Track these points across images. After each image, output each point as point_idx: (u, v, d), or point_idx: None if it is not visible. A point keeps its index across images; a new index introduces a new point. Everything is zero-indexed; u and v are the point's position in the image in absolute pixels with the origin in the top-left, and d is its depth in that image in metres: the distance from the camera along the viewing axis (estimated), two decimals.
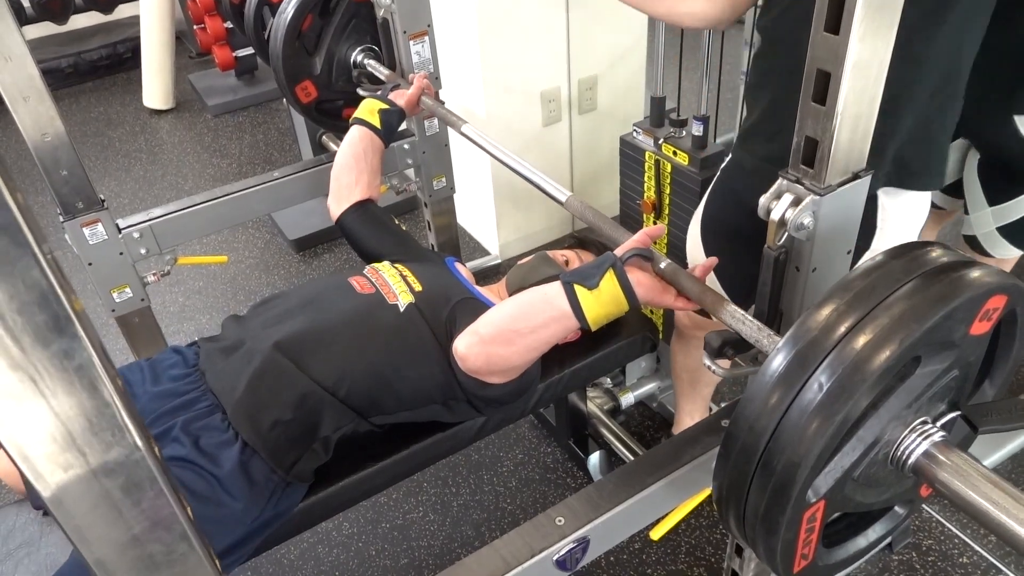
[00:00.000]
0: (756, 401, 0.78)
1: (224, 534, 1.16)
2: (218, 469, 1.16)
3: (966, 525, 1.81)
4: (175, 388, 1.27)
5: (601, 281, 1.09)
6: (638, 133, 1.90)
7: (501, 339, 1.19)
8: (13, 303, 0.43)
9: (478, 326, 1.21)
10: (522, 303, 1.19)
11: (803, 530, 0.79)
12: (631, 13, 2.59)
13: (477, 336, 1.20)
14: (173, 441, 1.18)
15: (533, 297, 1.17)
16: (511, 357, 1.21)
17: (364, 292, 1.37)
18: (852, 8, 0.77)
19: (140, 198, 3.45)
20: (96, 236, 1.62)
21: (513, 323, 1.18)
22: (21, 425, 0.48)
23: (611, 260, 1.11)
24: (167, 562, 0.59)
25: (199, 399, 1.25)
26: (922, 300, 0.76)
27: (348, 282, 1.40)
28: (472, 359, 1.21)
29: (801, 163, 0.90)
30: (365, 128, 1.66)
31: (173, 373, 1.31)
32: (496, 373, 1.25)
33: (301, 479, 1.23)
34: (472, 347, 1.20)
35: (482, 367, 1.22)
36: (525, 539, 0.98)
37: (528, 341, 1.18)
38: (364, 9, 1.93)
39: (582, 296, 1.10)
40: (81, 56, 4.58)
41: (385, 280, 1.40)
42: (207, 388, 1.27)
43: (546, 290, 1.16)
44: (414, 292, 1.36)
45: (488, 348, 1.20)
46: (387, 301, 1.35)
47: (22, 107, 1.43)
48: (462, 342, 1.21)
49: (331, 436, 1.24)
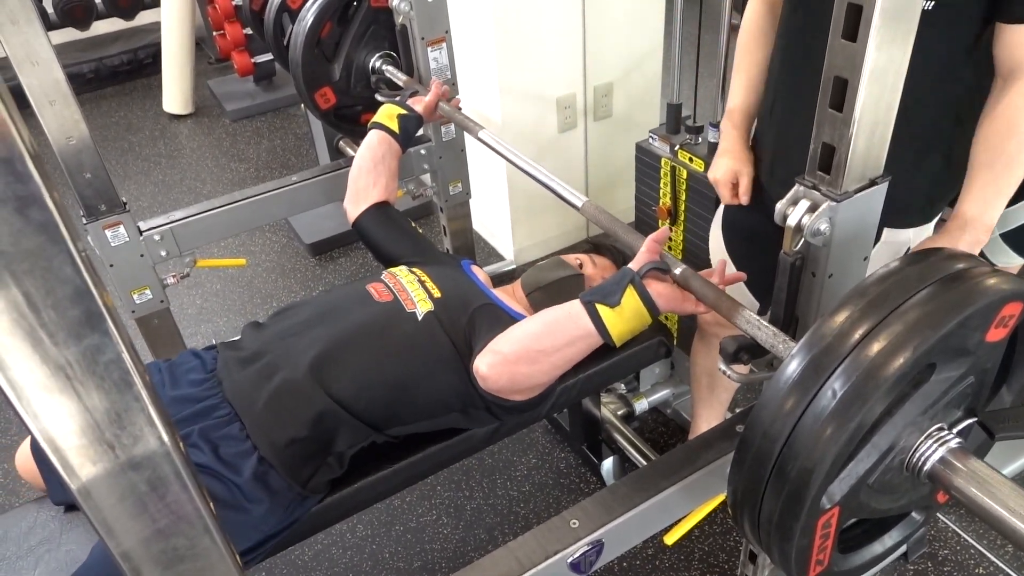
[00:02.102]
0: (771, 406, 0.78)
1: (242, 539, 1.17)
2: (238, 477, 1.17)
3: (983, 535, 1.79)
4: (193, 394, 1.28)
5: (622, 298, 1.10)
6: (654, 140, 1.91)
7: (526, 358, 1.18)
8: (48, 299, 0.45)
9: (500, 345, 1.19)
10: (546, 322, 1.18)
11: (818, 536, 0.80)
12: (647, 20, 2.62)
13: (500, 355, 1.18)
14: (192, 447, 1.19)
15: (556, 316, 1.17)
16: (536, 375, 1.21)
17: (382, 300, 1.37)
18: (870, 16, 0.78)
19: (159, 201, 3.49)
20: (118, 238, 1.65)
21: (537, 342, 1.17)
22: (53, 418, 0.49)
23: (629, 276, 1.11)
24: (190, 555, 0.61)
25: (217, 407, 1.25)
26: (937, 307, 0.76)
27: (366, 290, 1.40)
28: (495, 379, 1.19)
29: (818, 169, 0.90)
30: (383, 132, 1.67)
31: (192, 378, 1.31)
32: (520, 392, 1.24)
33: (316, 491, 1.25)
34: (495, 367, 1.18)
35: (505, 386, 1.21)
36: (539, 541, 0.99)
37: (553, 360, 1.18)
38: (383, 16, 1.95)
39: (605, 314, 1.11)
40: (102, 61, 4.64)
41: (403, 286, 1.40)
42: (224, 397, 1.27)
43: (569, 309, 1.15)
44: (433, 298, 1.36)
45: (512, 368, 1.19)
46: (405, 309, 1.34)
47: (48, 111, 1.46)
48: (484, 361, 1.19)
49: (345, 452, 1.25)
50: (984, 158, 1.17)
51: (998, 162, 1.15)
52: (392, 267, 1.53)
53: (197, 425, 1.22)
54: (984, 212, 1.17)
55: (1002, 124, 1.14)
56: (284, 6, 2.48)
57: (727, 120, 1.50)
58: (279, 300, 2.83)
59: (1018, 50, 1.12)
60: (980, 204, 1.17)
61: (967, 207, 1.18)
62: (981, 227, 1.17)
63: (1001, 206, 1.18)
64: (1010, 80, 1.14)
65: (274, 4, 2.51)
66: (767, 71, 1.43)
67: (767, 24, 1.42)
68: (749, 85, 1.48)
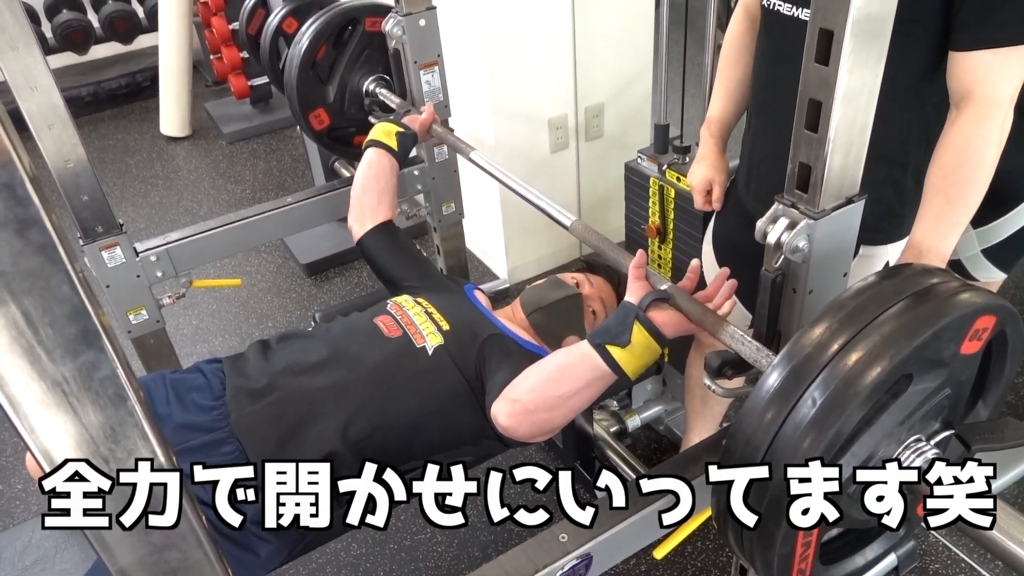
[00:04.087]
0: (752, 416, 0.80)
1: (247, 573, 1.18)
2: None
3: (973, 550, 1.81)
4: (201, 423, 1.24)
5: (631, 336, 1.10)
6: (642, 160, 1.94)
7: (546, 406, 1.17)
8: (46, 317, 0.47)
9: (517, 393, 1.18)
10: (560, 367, 1.17)
11: (799, 544, 0.81)
12: (637, 42, 2.66)
13: (520, 405, 1.17)
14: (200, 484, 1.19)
15: (570, 360, 1.16)
16: (555, 419, 1.20)
17: (392, 336, 1.36)
18: (841, 40, 0.81)
19: (156, 223, 3.52)
20: (114, 259, 1.66)
21: (555, 388, 1.16)
22: (50, 432, 0.51)
23: (633, 313, 1.11)
24: (183, 568, 0.62)
25: (224, 441, 1.22)
26: (912, 318, 0.78)
27: (375, 324, 1.39)
28: (515, 428, 1.18)
29: (796, 188, 0.93)
30: (382, 150, 1.69)
31: (199, 402, 1.27)
32: (542, 436, 1.23)
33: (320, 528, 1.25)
34: (514, 416, 1.17)
35: (526, 434, 1.20)
36: (529, 555, 1.00)
37: (571, 403, 1.17)
38: (377, 40, 1.98)
39: (617, 354, 1.11)
40: (101, 85, 4.68)
41: (411, 319, 1.39)
42: (232, 431, 1.24)
43: (580, 351, 1.14)
44: (441, 331, 1.36)
45: (532, 416, 1.17)
46: (415, 344, 1.34)
47: (46, 135, 1.48)
48: (502, 411, 1.18)
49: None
50: (938, 185, 1.17)
51: (951, 189, 1.16)
52: (395, 293, 1.53)
53: (204, 460, 1.19)
54: (939, 242, 1.18)
55: (953, 151, 1.15)
56: (280, 30, 2.53)
57: (705, 128, 1.55)
58: (275, 320, 2.85)
59: (966, 77, 1.14)
60: (935, 234, 1.17)
61: (921, 236, 1.19)
62: (936, 257, 1.17)
63: (956, 235, 1.18)
64: (961, 107, 1.15)
65: (270, 28, 2.55)
66: (747, 84, 1.47)
67: (748, 39, 1.46)
68: (727, 96, 1.52)
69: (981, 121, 1.13)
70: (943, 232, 1.18)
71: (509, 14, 2.39)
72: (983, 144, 1.13)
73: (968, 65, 1.13)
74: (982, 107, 1.13)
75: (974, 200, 1.17)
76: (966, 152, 1.14)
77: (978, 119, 1.13)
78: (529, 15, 2.42)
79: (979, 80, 1.13)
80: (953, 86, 1.16)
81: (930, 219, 1.18)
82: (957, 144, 1.15)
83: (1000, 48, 1.11)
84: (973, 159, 1.14)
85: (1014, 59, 1.11)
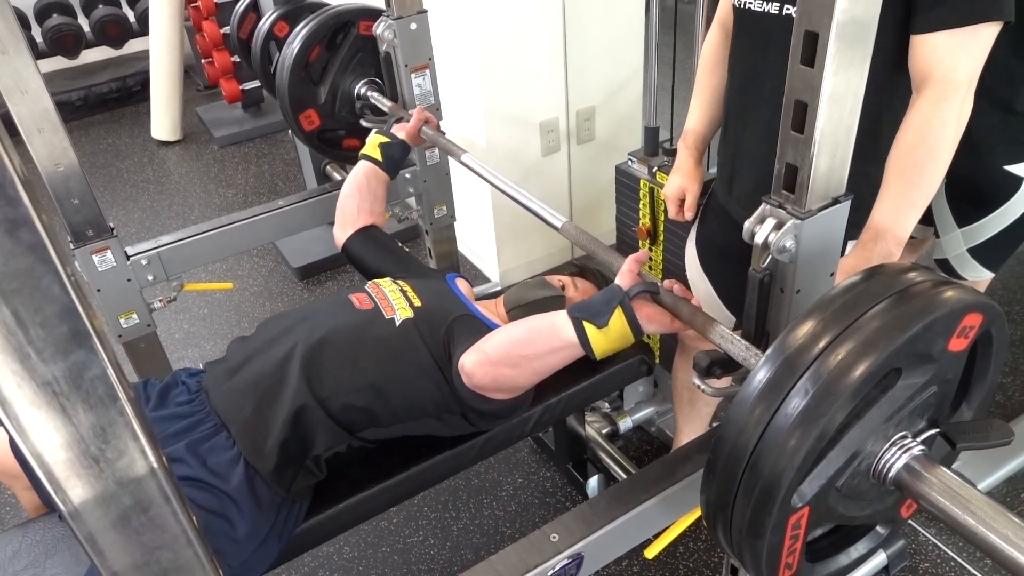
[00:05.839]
0: (741, 411, 0.81)
1: (237, 551, 1.19)
2: (227, 485, 1.19)
3: (962, 548, 1.82)
4: (180, 412, 1.31)
5: (610, 320, 1.12)
6: (633, 162, 1.95)
7: (509, 361, 1.23)
8: (37, 317, 0.47)
9: (486, 346, 1.24)
10: (531, 329, 1.22)
11: (788, 536, 0.82)
12: (628, 46, 2.67)
13: (485, 355, 1.23)
14: (177, 462, 1.21)
15: (543, 325, 1.20)
16: (517, 378, 1.25)
17: (363, 308, 1.42)
18: (826, 42, 0.82)
19: (147, 227, 3.51)
20: (105, 263, 1.66)
21: (522, 348, 1.22)
22: (41, 434, 0.51)
23: (619, 297, 1.13)
24: (174, 568, 0.62)
25: (203, 421, 1.29)
26: (903, 312, 0.79)
27: (348, 299, 1.45)
28: (479, 376, 1.23)
29: (783, 188, 0.94)
30: (367, 161, 1.73)
31: (179, 400, 1.35)
32: (502, 391, 1.28)
33: (301, 496, 1.27)
34: (480, 365, 1.23)
35: (488, 385, 1.25)
36: (520, 555, 1.01)
37: (535, 365, 1.22)
38: (370, 43, 1.99)
39: (591, 333, 1.13)
40: (91, 89, 4.67)
41: (385, 295, 1.44)
42: (210, 409, 1.30)
43: (555, 320, 1.18)
44: (413, 307, 1.40)
45: (496, 369, 1.23)
46: (384, 316, 1.39)
47: (37, 139, 1.48)
48: (469, 358, 1.24)
49: (322, 455, 1.27)
50: (896, 166, 1.18)
51: (909, 170, 1.16)
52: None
53: (183, 441, 1.24)
54: (897, 224, 1.18)
55: (912, 133, 1.16)
56: (271, 34, 2.54)
57: (682, 141, 1.58)
58: None
59: (925, 59, 1.15)
60: (892, 215, 1.18)
61: (880, 218, 1.19)
62: (892, 239, 1.18)
63: (914, 218, 1.18)
64: (920, 89, 1.16)
65: (262, 32, 2.56)
66: (722, 96, 1.49)
67: (722, 51, 1.48)
68: (703, 108, 1.55)
69: (939, 102, 1.14)
70: (901, 214, 1.18)
71: (501, 18, 2.39)
72: (940, 125, 1.14)
73: (926, 47, 1.14)
74: (940, 88, 1.14)
75: (932, 182, 1.17)
76: (924, 133, 1.15)
77: (935, 100, 1.14)
78: (521, 19, 2.43)
79: (936, 61, 1.14)
80: (914, 71, 1.17)
81: (888, 201, 1.19)
82: (916, 126, 1.16)
83: (956, 28, 1.12)
84: (930, 140, 1.15)
85: (970, 39, 1.12)
